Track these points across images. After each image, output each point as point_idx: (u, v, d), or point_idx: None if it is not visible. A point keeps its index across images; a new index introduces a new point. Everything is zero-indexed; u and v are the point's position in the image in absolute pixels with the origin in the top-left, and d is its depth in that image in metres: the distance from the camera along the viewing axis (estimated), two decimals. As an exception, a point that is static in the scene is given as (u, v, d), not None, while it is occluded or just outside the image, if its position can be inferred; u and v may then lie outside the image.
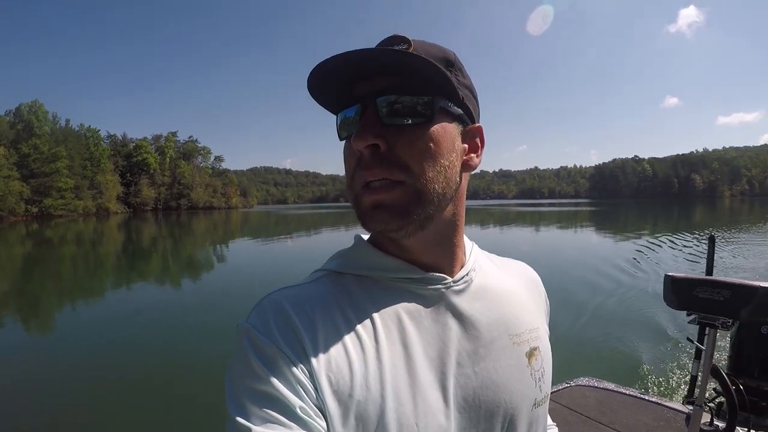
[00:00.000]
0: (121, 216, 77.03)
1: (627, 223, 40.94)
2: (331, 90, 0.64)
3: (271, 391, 0.53)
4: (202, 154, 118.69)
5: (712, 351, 2.13)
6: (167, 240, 33.13)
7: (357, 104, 0.62)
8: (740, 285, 1.98)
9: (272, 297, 0.62)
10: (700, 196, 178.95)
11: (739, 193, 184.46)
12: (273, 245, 26.46)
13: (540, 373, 0.73)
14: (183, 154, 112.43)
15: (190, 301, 11.44)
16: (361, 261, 0.69)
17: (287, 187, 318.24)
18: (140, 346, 7.65)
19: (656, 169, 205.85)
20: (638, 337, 7.69)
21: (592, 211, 70.25)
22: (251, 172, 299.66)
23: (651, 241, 21.47)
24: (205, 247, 26.93)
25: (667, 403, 3.60)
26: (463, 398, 0.63)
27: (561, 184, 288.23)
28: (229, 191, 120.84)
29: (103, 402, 5.52)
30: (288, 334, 0.57)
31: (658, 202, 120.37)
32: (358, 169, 0.62)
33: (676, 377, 6.05)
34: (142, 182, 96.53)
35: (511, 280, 0.79)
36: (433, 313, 0.66)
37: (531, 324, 0.75)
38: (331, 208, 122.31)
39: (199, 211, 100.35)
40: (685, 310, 2.17)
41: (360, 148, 0.60)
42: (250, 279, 13.91)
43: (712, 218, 45.66)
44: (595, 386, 3.89)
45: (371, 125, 0.60)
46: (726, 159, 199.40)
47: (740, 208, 71.46)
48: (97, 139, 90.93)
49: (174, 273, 16.96)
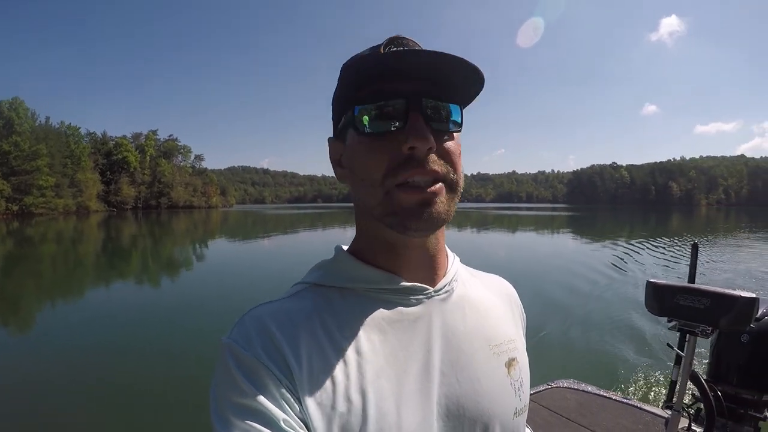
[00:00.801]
0: (101, 214, 77.06)
1: (605, 228, 42.13)
2: (356, 82, 0.64)
3: (255, 405, 0.54)
4: (182, 152, 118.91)
5: (691, 358, 2.16)
6: (147, 239, 33.52)
7: (398, 98, 0.62)
8: (721, 294, 2.03)
9: (254, 313, 0.63)
10: (677, 203, 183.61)
11: (716, 202, 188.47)
12: (255, 245, 27.35)
13: (519, 383, 0.74)
14: (163, 152, 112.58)
15: (171, 302, 11.60)
16: (342, 273, 0.70)
17: (265, 187, 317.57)
18: (120, 346, 7.77)
19: (634, 176, 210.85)
20: (618, 341, 7.89)
21: (571, 216, 72.07)
22: (229, 172, 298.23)
23: (629, 246, 22.45)
24: (187, 247, 27.14)
25: (647, 407, 3.67)
26: (447, 406, 0.64)
27: (539, 189, 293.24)
28: (210, 190, 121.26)
29: (82, 403, 5.62)
30: (270, 348, 0.58)
31: (636, 209, 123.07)
32: (403, 168, 0.61)
33: (656, 382, 6.17)
34: (123, 181, 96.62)
35: (488, 293, 0.81)
36: (416, 323, 0.67)
37: (509, 335, 0.77)
38: (309, 209, 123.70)
39: (179, 210, 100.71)
40: (666, 317, 2.22)
41: (421, 148, 0.60)
42: (231, 279, 14.37)
43: (688, 226, 47.03)
44: (575, 388, 3.95)
45: (425, 126, 0.61)
46: (703, 168, 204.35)
47: (716, 217, 73.31)
48: (78, 137, 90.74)
49: (154, 273, 17.15)
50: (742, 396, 2.99)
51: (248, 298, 10.12)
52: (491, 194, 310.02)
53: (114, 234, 37.76)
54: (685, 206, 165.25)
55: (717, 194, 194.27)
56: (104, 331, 8.68)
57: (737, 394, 2.96)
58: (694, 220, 63.42)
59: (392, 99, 0.62)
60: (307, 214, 77.09)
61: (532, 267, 15.96)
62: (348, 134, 0.67)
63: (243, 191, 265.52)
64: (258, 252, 23.72)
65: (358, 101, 0.64)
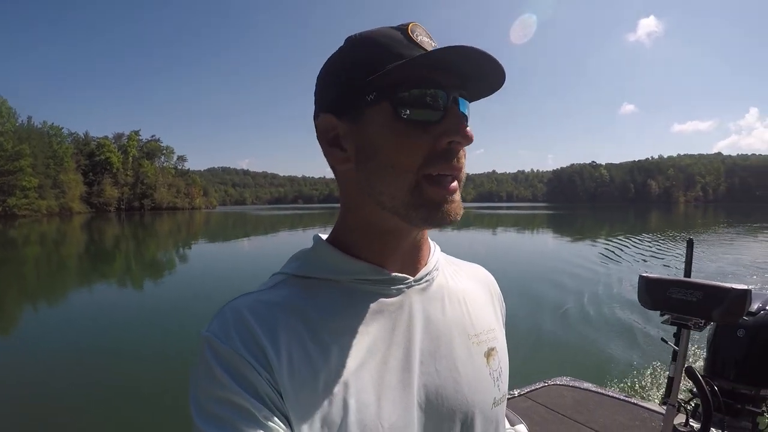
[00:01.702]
0: (84, 216, 76.94)
1: (586, 227, 43.09)
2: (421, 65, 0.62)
3: (235, 398, 0.54)
4: (165, 153, 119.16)
5: (685, 351, 2.18)
6: (132, 241, 33.34)
7: (438, 89, 0.62)
8: (712, 286, 2.06)
9: (232, 305, 0.63)
10: (656, 201, 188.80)
11: (694, 199, 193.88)
12: (242, 245, 27.90)
13: (498, 372, 0.75)
14: (146, 153, 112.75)
15: (158, 303, 11.70)
16: (322, 263, 0.69)
17: (245, 188, 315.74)
18: (103, 347, 7.85)
19: (613, 175, 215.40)
20: (611, 338, 7.99)
21: (553, 214, 73.71)
22: (209, 173, 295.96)
23: (612, 243, 23.08)
24: (176, 249, 27.00)
25: (643, 404, 3.68)
26: (426, 396, 0.65)
27: (519, 188, 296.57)
28: (193, 191, 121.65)
29: (66, 403, 5.66)
30: (249, 341, 0.58)
31: (616, 207, 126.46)
32: (439, 160, 0.61)
33: (652, 378, 6.19)
34: (105, 182, 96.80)
35: (467, 282, 0.81)
36: (396, 312, 0.68)
37: (488, 325, 0.78)
38: (291, 210, 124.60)
39: (162, 211, 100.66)
40: (658, 311, 2.24)
41: (464, 144, 0.62)
42: (216, 280, 14.58)
43: (668, 222, 47.99)
44: (571, 386, 3.96)
45: (466, 123, 0.62)
46: (681, 166, 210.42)
47: (695, 213, 75.57)
48: (60, 138, 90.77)
49: (139, 275, 17.17)
50: (739, 391, 3.12)
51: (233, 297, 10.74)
52: (472, 194, 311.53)
53: (97, 236, 37.68)
54: (664, 204, 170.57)
55: (695, 191, 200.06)
56: (87, 334, 8.80)
57: (734, 389, 3.09)
58: (673, 217, 65.17)
59: (434, 89, 0.61)
60: (295, 215, 78.53)
61: (519, 266, 16.14)
62: (367, 115, 0.63)
63: (223, 192, 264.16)
64: (243, 252, 24.26)
65: (395, 84, 0.61)
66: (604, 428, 3.31)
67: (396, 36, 0.62)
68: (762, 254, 18.77)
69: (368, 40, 0.63)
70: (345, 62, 0.65)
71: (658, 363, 6.62)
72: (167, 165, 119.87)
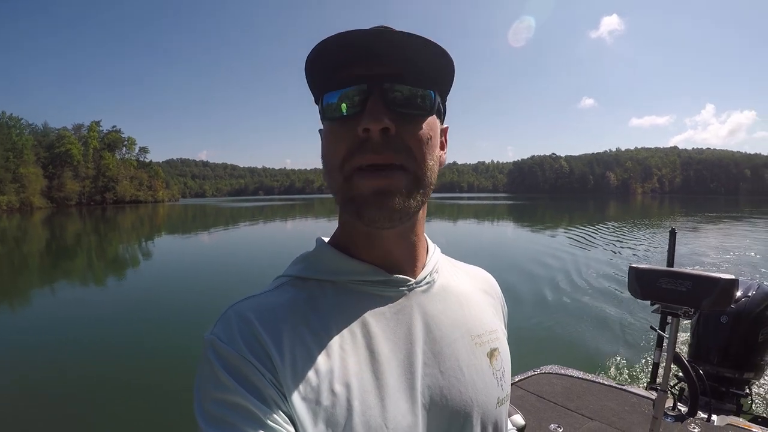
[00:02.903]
0: (45, 211, 74.99)
1: (552, 216, 44.28)
2: (321, 69, 0.64)
3: (239, 400, 0.55)
4: (127, 145, 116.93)
5: (674, 339, 2.22)
6: (91, 236, 32.79)
7: (359, 84, 0.62)
8: (702, 276, 2.13)
9: (236, 307, 0.64)
10: (615, 192, 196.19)
11: (650, 191, 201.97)
12: (209, 238, 28.01)
13: (501, 372, 0.75)
14: (107, 145, 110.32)
15: (127, 302, 11.41)
16: (324, 265, 0.71)
17: (205, 180, 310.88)
18: (68, 346, 7.86)
19: (573, 166, 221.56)
20: (591, 325, 8.16)
21: (515, 204, 76.14)
22: (168, 165, 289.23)
23: (577, 231, 24.15)
24: (141, 245, 26.29)
25: (631, 389, 3.73)
26: (431, 397, 0.66)
27: (480, 179, 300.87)
28: (156, 184, 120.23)
29: (35, 402, 5.62)
30: (253, 343, 0.59)
31: (575, 198, 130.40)
32: (359, 151, 0.62)
33: (637, 364, 6.34)
34: (66, 175, 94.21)
35: (468, 283, 0.83)
36: (398, 314, 0.69)
37: (490, 326, 0.79)
38: (253, 201, 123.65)
39: (125, 205, 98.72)
40: (648, 300, 2.29)
41: (373, 128, 0.60)
42: (181, 276, 14.63)
43: (626, 212, 50.12)
44: (560, 373, 4.03)
45: (381, 108, 0.61)
46: (639, 159, 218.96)
47: (651, 204, 79.37)
48: (20, 129, 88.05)
49: (106, 273, 16.78)
50: (723, 375, 3.26)
51: (211, 292, 11.44)
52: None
53: (58, 232, 36.48)
54: (622, 195, 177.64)
55: (652, 183, 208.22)
56: (52, 332, 8.75)
57: (719, 373, 3.23)
58: (630, 207, 67.70)
59: (355, 84, 0.62)
60: (265, 207, 78.58)
61: (489, 256, 16.16)
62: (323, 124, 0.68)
63: (183, 184, 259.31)
64: (209, 246, 24.51)
65: (326, 88, 0.65)
66: (596, 414, 3.35)
67: (330, 39, 0.61)
68: (726, 241, 20.56)
69: (313, 51, 0.62)
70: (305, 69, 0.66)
71: (639, 349, 6.97)
72: (129, 157, 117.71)
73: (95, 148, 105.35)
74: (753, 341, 3.48)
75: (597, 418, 3.30)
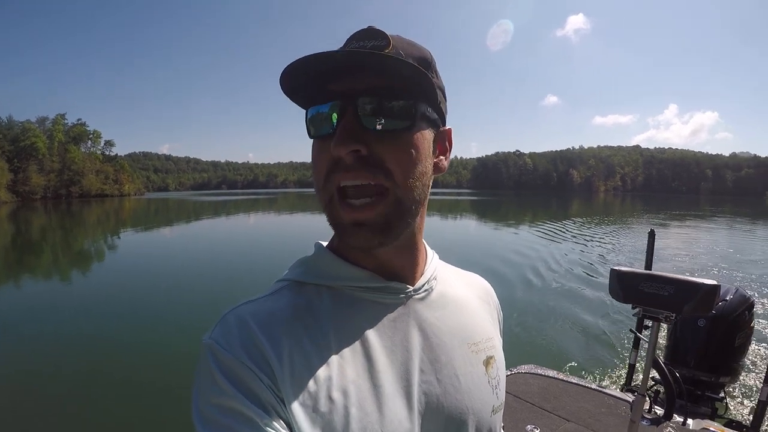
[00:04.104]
0: (11, 205, 74.08)
1: (516, 213, 45.09)
2: (301, 84, 0.64)
3: (237, 405, 0.55)
4: (92, 138, 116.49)
5: (655, 342, 2.22)
6: (58, 231, 32.42)
7: (333, 101, 0.62)
8: (684, 281, 2.12)
9: (235, 312, 0.65)
10: (578, 189, 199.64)
11: (613, 188, 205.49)
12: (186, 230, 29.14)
13: (496, 380, 0.77)
14: (72, 138, 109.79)
15: (100, 300, 11.22)
16: (323, 270, 0.71)
17: (168, 174, 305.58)
18: (33, 343, 7.97)
19: (537, 163, 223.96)
20: (571, 325, 8.28)
21: (480, 200, 78.04)
22: (130, 158, 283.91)
23: (542, 228, 24.76)
24: (102, 241, 25.98)
25: (608, 391, 3.74)
26: (427, 404, 0.66)
27: (443, 175, 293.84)
28: (122, 178, 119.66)
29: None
30: (252, 348, 0.60)
31: (539, 194, 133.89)
32: (334, 172, 0.62)
33: (612, 366, 6.41)
34: (31, 169, 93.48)
35: (467, 291, 0.84)
36: (396, 321, 0.69)
37: (487, 333, 0.80)
38: (220, 195, 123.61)
39: (91, 199, 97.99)
40: (630, 304, 2.29)
41: (342, 154, 0.60)
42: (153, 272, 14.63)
43: (589, 209, 51.54)
44: (537, 373, 4.02)
45: (352, 128, 0.60)
46: (601, 156, 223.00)
47: (613, 202, 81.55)
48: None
49: (71, 269, 16.76)
50: (699, 378, 3.29)
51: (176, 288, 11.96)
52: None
53: (24, 228, 35.61)
54: (585, 192, 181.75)
55: (614, 181, 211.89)
56: (15, 329, 8.84)
57: (695, 377, 3.27)
58: (593, 204, 70.22)
59: (329, 101, 0.63)
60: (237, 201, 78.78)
61: (462, 254, 15.67)
62: None
63: (146, 178, 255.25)
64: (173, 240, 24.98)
65: (310, 102, 0.65)
66: (572, 416, 3.35)
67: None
68: (692, 239, 21.98)
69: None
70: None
71: (615, 350, 7.03)
72: (94, 150, 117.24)
73: (60, 142, 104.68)
74: (729, 345, 3.55)
75: (573, 419, 3.32)
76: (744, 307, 3.70)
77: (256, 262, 15.92)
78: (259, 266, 14.69)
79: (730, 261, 15.54)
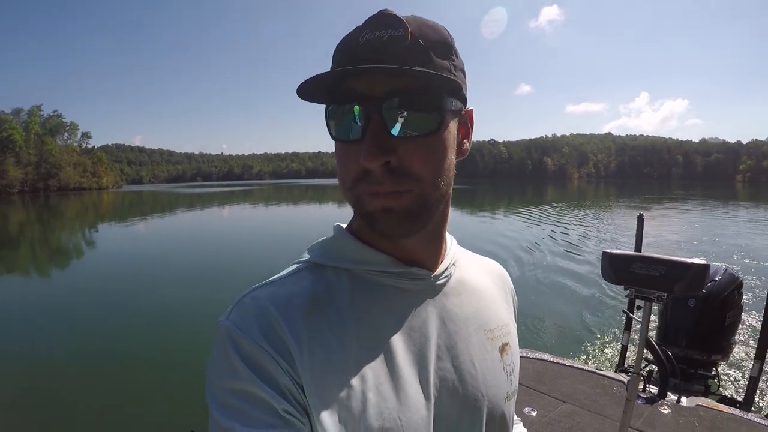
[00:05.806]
0: (-12, 199, 72.75)
1: (492, 200, 45.67)
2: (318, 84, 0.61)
3: (255, 390, 0.55)
4: (69, 130, 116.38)
5: (647, 322, 2.25)
6: (35, 226, 32.17)
7: (355, 102, 0.60)
8: (675, 262, 2.16)
9: (254, 294, 0.64)
10: (552, 177, 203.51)
11: (586, 175, 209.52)
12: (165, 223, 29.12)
13: (510, 367, 0.77)
14: (48, 130, 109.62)
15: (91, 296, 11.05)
16: (342, 253, 0.70)
17: (141, 166, 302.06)
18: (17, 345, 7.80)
19: (511, 152, 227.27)
20: (562, 309, 8.35)
21: (456, 189, 78.70)
22: (102, 150, 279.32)
23: (519, 214, 25.11)
24: (88, 234, 25.88)
25: (602, 372, 3.77)
26: (443, 391, 0.67)
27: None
28: (100, 170, 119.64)
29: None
30: (270, 332, 0.59)
31: (514, 182, 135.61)
32: (363, 180, 0.61)
33: (604, 347, 6.46)
34: (8, 162, 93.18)
35: (483, 277, 0.84)
36: (414, 307, 0.69)
37: (502, 320, 0.80)
38: (197, 187, 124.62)
39: (69, 192, 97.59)
40: (622, 285, 2.33)
41: (372, 167, 0.59)
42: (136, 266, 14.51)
43: (563, 196, 52.69)
44: (531, 357, 4.06)
45: (380, 139, 0.58)
46: (575, 144, 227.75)
47: (587, 188, 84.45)
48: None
49: (54, 267, 16.29)
50: (692, 357, 3.42)
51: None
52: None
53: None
54: (559, 179, 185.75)
55: (587, 168, 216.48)
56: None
57: (687, 356, 3.40)
58: (567, 191, 72.31)
59: (350, 103, 0.60)
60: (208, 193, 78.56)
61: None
62: None
63: (120, 171, 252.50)
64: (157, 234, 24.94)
65: (331, 98, 0.63)
66: (568, 397, 3.38)
67: (349, 39, 0.61)
68: (667, 221, 22.59)
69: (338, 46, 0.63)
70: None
71: (607, 331, 7.06)
72: (71, 143, 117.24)
73: (37, 134, 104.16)
74: (720, 324, 3.59)
75: (569, 401, 3.36)
76: (733, 287, 3.79)
77: (244, 255, 15.89)
78: (249, 259, 14.73)
79: (712, 243, 16.00)
